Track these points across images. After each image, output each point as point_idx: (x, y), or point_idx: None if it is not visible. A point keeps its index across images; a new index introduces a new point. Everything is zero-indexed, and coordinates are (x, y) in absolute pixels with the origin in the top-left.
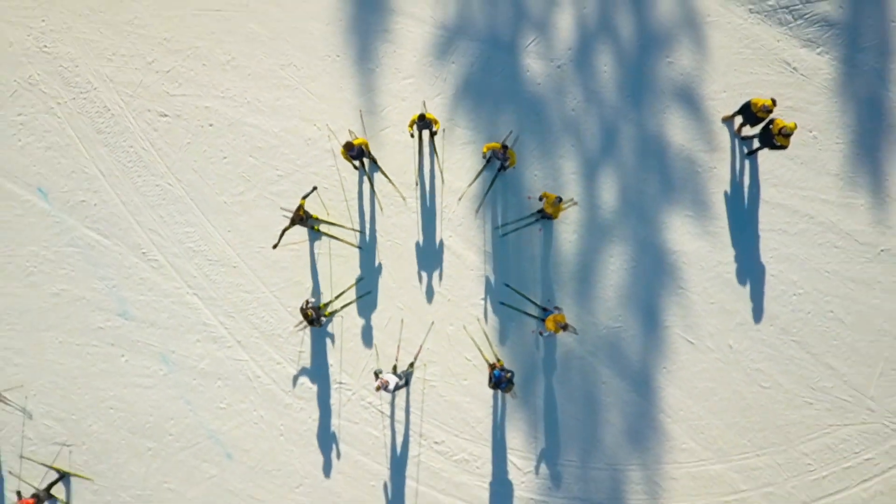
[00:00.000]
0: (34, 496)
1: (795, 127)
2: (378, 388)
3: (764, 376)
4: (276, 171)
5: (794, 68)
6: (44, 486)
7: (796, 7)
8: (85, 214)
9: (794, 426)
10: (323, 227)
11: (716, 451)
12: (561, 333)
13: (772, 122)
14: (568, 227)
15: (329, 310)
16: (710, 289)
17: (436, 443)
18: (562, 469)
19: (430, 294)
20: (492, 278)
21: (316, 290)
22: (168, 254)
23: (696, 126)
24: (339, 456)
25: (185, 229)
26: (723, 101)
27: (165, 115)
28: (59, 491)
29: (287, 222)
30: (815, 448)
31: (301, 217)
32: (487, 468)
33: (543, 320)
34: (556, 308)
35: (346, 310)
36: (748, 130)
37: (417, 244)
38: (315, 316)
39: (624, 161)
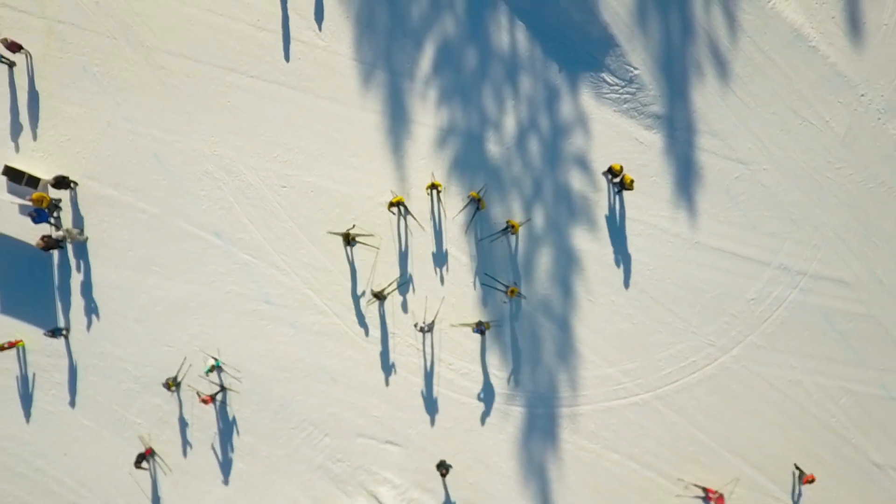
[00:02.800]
0: (211, 396)
1: (632, 180)
2: (418, 329)
3: (633, 317)
4: (350, 216)
5: (640, 142)
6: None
7: (639, 108)
8: (242, 246)
9: (651, 344)
10: (372, 241)
11: (608, 360)
12: (515, 298)
13: (623, 176)
14: (522, 238)
15: (386, 292)
16: (599, 269)
17: (449, 364)
18: (521, 376)
19: (441, 280)
20: (477, 270)
21: (376, 282)
22: (292, 266)
23: (587, 178)
24: (395, 375)
25: (301, 251)
26: (602, 163)
27: (285, 187)
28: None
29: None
30: (663, 356)
31: (347, 236)
32: (479, 378)
33: (506, 292)
34: (514, 283)
35: (395, 293)
36: (614, 180)
37: (432, 252)
38: (379, 296)
39: (548, 200)
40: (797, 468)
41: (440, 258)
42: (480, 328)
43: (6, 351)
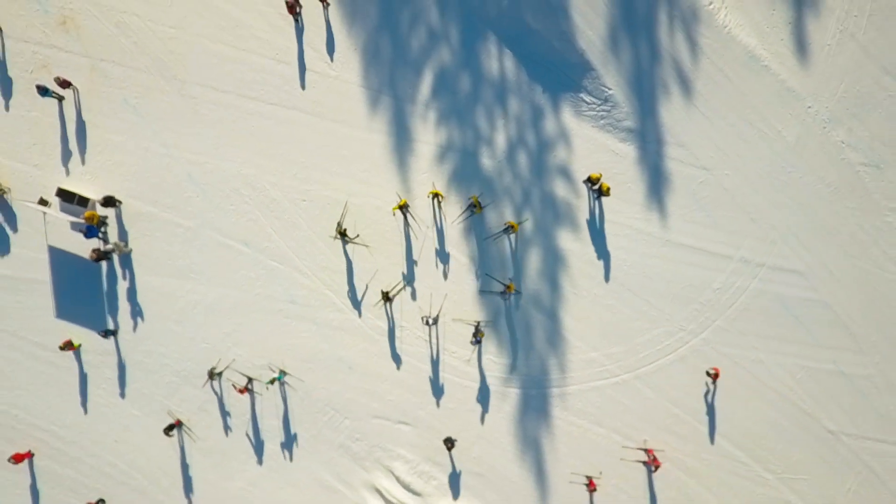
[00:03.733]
0: (246, 387)
1: (609, 187)
2: (424, 322)
3: (613, 307)
4: (362, 225)
5: (616, 154)
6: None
7: (614, 123)
8: (268, 254)
9: (630, 331)
10: (361, 241)
11: (592, 346)
12: (513, 294)
13: (601, 184)
14: (514, 240)
15: (392, 294)
16: (582, 266)
17: (452, 352)
18: (516, 362)
19: (444, 277)
20: (476, 269)
21: (386, 282)
22: (312, 270)
23: (570, 186)
24: (405, 363)
25: (320, 256)
26: (582, 172)
27: (304, 200)
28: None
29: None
30: (641, 341)
31: (342, 234)
32: (479, 364)
33: (505, 289)
34: (511, 280)
35: (401, 293)
36: (592, 187)
37: (435, 250)
38: (387, 296)
39: (535, 206)
40: (708, 374)
41: (443, 258)
42: (477, 339)
43: (65, 351)
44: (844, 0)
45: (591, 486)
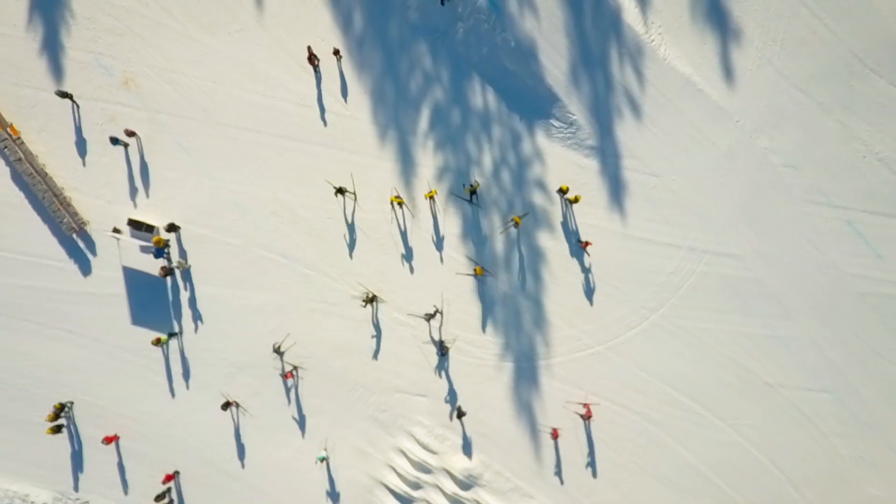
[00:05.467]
0: (291, 372)
1: (577, 197)
2: (426, 319)
3: (586, 292)
4: (377, 235)
5: (582, 167)
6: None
7: (579, 143)
8: (302, 263)
9: (601, 311)
10: (350, 196)
11: (570, 324)
12: (481, 275)
13: (574, 195)
14: (503, 242)
15: (375, 297)
16: (559, 260)
17: (456, 336)
18: (509, 341)
19: (443, 261)
20: (463, 260)
21: (375, 286)
22: (339, 274)
23: (545, 195)
24: (419, 346)
25: (345, 263)
26: (555, 184)
27: (329, 218)
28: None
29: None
30: (610, 318)
31: (341, 190)
32: (479, 344)
33: (474, 271)
34: (477, 263)
35: (382, 297)
36: (563, 196)
37: (435, 245)
38: (370, 300)
39: (519, 213)
40: (580, 242)
41: (441, 252)
42: (442, 352)
43: (156, 346)
44: (761, 32)
45: (587, 414)
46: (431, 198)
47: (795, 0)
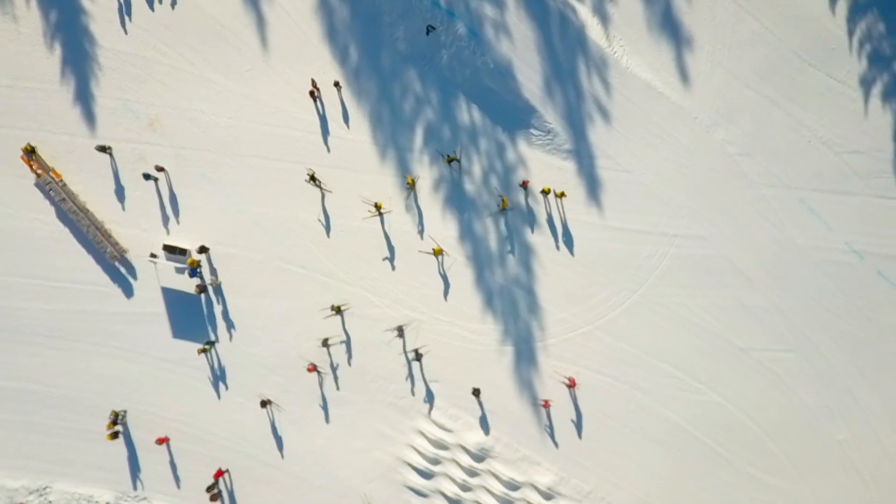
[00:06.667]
0: (314, 366)
1: (562, 191)
2: (396, 335)
3: (572, 279)
4: (384, 243)
5: (561, 169)
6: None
7: (557, 148)
8: (320, 273)
9: (586, 294)
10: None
11: (561, 308)
12: (440, 255)
13: (559, 192)
14: (497, 239)
15: (343, 308)
16: (546, 252)
17: (461, 325)
18: (508, 326)
19: (443, 260)
20: (473, 267)
21: (341, 300)
22: (353, 279)
23: (531, 196)
24: (430, 338)
25: (358, 270)
26: (538, 186)
27: (342, 231)
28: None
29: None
30: (595, 300)
31: (313, 177)
32: (482, 332)
33: (434, 250)
34: (437, 244)
35: (350, 309)
36: (546, 196)
37: (430, 240)
38: (337, 310)
39: (508, 213)
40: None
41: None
42: (417, 356)
43: (201, 354)
44: (711, 38)
45: (571, 384)
46: (411, 186)
47: (738, 8)
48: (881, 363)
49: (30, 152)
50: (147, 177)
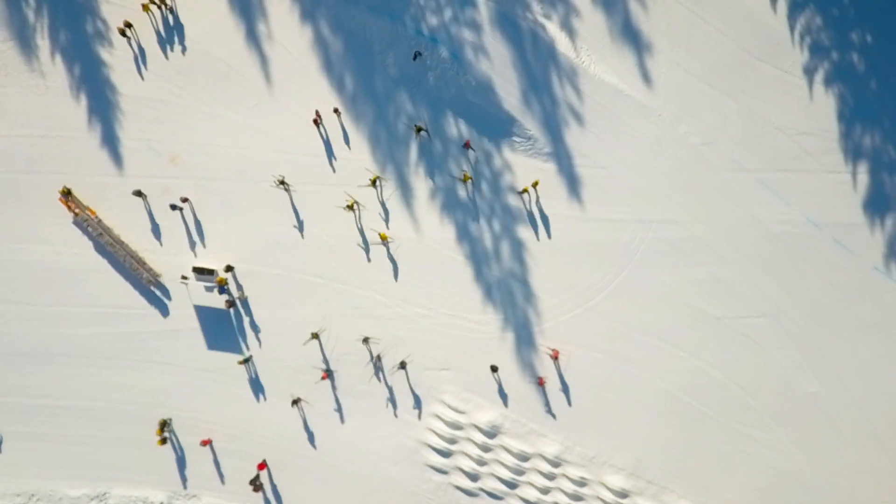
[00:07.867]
0: (326, 373)
1: (535, 181)
2: (372, 360)
3: (560, 267)
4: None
5: (542, 170)
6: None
7: (538, 151)
8: (336, 280)
9: (575, 280)
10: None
11: (552, 294)
12: (386, 240)
13: (533, 182)
14: (490, 238)
15: (321, 331)
16: (534, 245)
17: (465, 317)
18: (507, 314)
19: (444, 260)
20: (471, 266)
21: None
22: (366, 283)
23: (517, 197)
24: (438, 331)
25: (370, 275)
26: (518, 186)
27: (356, 244)
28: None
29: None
30: (583, 285)
31: (282, 181)
32: (484, 321)
33: (380, 235)
34: (384, 231)
35: (327, 331)
36: (521, 195)
37: (434, 244)
38: (316, 336)
39: (497, 211)
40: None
41: (443, 253)
42: (402, 365)
43: (241, 365)
44: (668, 42)
45: (554, 355)
46: (375, 183)
47: (690, 13)
48: (842, 320)
49: (66, 194)
50: (173, 207)
